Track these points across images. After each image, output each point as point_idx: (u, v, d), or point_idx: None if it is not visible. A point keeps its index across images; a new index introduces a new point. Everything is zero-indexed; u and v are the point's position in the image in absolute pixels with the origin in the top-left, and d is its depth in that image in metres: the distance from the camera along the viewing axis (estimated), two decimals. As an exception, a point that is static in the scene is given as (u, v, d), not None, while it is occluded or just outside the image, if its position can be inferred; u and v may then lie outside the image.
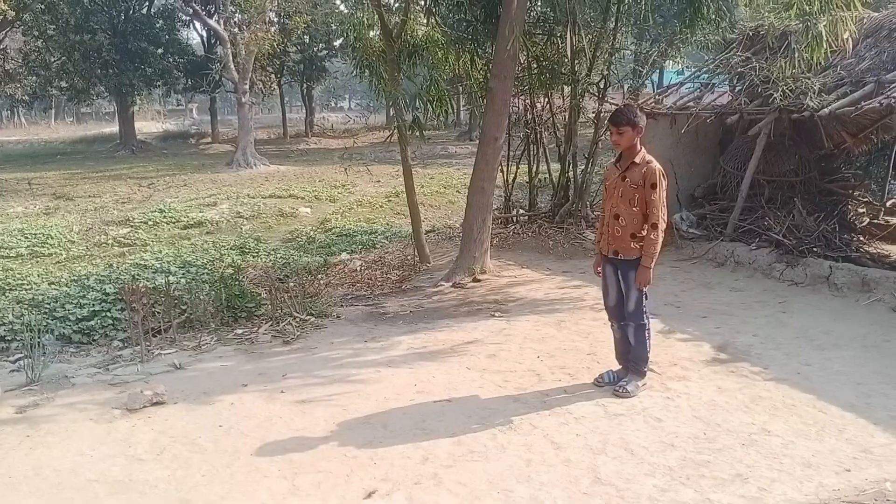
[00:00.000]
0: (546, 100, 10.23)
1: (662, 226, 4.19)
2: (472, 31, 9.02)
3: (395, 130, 9.09)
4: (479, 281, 7.45)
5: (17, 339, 6.80)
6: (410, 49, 8.86)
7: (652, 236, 4.18)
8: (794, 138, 8.71)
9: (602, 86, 9.96)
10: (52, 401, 4.72)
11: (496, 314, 6.31)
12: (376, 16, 8.69)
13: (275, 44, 24.73)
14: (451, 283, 7.42)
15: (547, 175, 10.32)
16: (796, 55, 7.83)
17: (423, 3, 9.39)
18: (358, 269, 9.43)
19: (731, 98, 9.27)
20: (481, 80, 9.49)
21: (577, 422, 4.11)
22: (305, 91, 36.78)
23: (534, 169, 10.25)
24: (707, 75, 10.06)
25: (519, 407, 4.32)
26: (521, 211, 10.28)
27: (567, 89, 10.09)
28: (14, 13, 23.84)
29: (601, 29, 9.32)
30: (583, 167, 9.92)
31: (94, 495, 3.48)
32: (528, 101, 10.12)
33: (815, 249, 7.39)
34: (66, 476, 3.70)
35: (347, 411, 4.34)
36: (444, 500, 3.32)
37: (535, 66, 9.64)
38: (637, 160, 4.23)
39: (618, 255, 4.35)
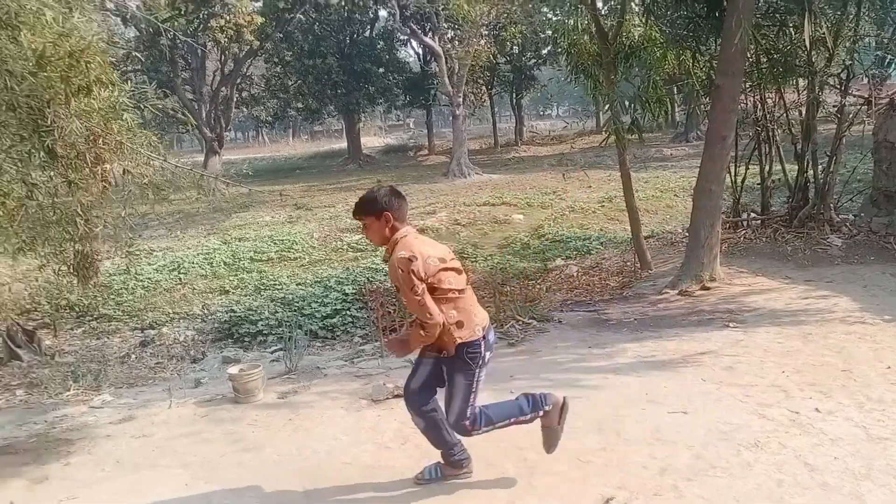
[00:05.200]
0: (778, 95, 9.50)
1: (432, 320, 3.14)
2: (694, 28, 8.64)
3: (612, 134, 8.95)
4: (708, 289, 7.08)
5: (273, 333, 7.69)
6: (627, 51, 8.70)
7: (420, 332, 3.20)
8: None
9: (844, 77, 9.02)
10: (308, 389, 5.26)
11: (730, 324, 5.94)
12: (590, 20, 8.65)
13: (491, 56, 25.49)
14: (677, 291, 7.12)
15: (781, 175, 9.54)
16: None
17: (639, 2, 9.18)
18: (574, 274, 9.40)
19: None
20: (704, 77, 9.06)
21: (832, 443, 3.74)
22: (515, 101, 37.41)
23: (766, 169, 9.54)
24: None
25: (764, 423, 4.03)
26: (753, 214, 9.59)
27: (802, 82, 9.31)
28: (258, 43, 27.01)
29: (841, 15, 8.47)
30: (824, 166, 9.06)
31: (349, 478, 3.81)
32: (757, 96, 9.47)
33: None
34: (323, 458, 4.09)
35: (577, 416, 4.32)
36: (687, 514, 3.20)
37: (764, 59, 8.99)
38: (386, 257, 3.32)
39: (441, 352, 3.35)
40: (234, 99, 31.31)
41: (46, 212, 4.64)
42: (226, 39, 25.06)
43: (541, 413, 3.49)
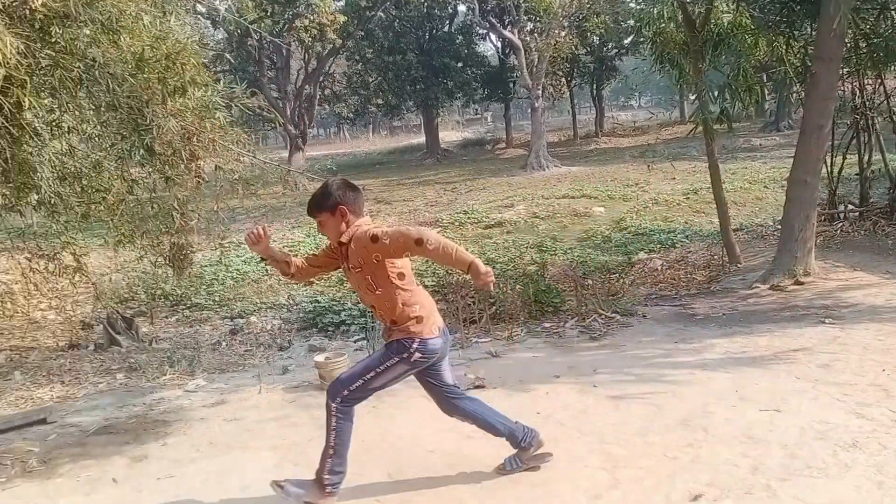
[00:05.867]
0: (878, 81, 9.00)
1: (427, 234, 3.04)
2: (787, 13, 8.29)
3: (700, 124, 8.68)
4: (801, 283, 6.78)
5: (356, 323, 7.86)
6: (715, 38, 8.42)
7: (430, 247, 3.00)
8: None
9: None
10: (390, 377, 5.34)
11: (826, 320, 5.68)
12: (676, 8, 8.41)
13: (572, 47, 25.16)
14: (768, 286, 6.86)
15: (882, 165, 9.04)
16: None
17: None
18: (659, 268, 9.18)
19: None
20: (797, 64, 8.66)
21: (939, 446, 3.53)
22: (596, 92, 36.79)
23: (865, 159, 9.05)
24: None
25: (863, 424, 3.83)
26: (851, 206, 9.13)
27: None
28: (341, 41, 27.58)
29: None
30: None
31: (433, 465, 3.85)
32: (855, 83, 9.00)
33: None
34: (406, 444, 4.16)
35: (663, 411, 4.24)
36: (780, 515, 3.08)
37: (863, 44, 8.53)
38: (344, 239, 3.27)
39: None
40: (317, 96, 32.04)
41: (145, 206, 4.89)
42: (310, 39, 25.67)
43: (324, 479, 3.40)
